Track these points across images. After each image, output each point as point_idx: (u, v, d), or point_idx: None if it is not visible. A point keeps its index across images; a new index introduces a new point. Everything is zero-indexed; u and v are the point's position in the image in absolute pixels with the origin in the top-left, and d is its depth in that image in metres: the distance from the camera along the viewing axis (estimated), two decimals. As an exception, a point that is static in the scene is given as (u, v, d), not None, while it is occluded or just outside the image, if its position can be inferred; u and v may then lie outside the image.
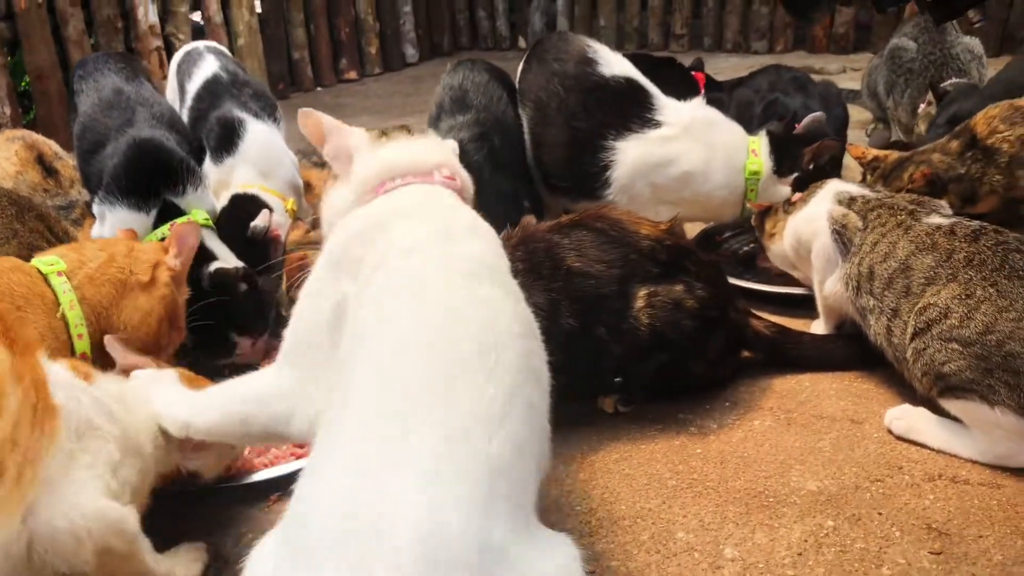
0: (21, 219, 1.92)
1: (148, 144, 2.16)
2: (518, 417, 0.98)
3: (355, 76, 5.98)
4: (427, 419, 0.93)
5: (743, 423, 1.81)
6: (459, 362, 0.99)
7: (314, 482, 0.96)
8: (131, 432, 1.35)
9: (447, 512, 0.85)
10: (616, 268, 1.78)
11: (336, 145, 1.42)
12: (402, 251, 1.18)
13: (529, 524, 0.95)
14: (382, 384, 0.99)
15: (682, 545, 1.48)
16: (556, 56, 2.54)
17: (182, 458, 1.50)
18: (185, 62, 2.76)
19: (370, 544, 0.83)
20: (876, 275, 1.77)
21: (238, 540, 1.56)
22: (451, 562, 0.83)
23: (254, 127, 2.46)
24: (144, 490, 1.40)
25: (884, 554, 1.42)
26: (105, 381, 1.39)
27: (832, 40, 5.57)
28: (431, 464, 0.89)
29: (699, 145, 2.36)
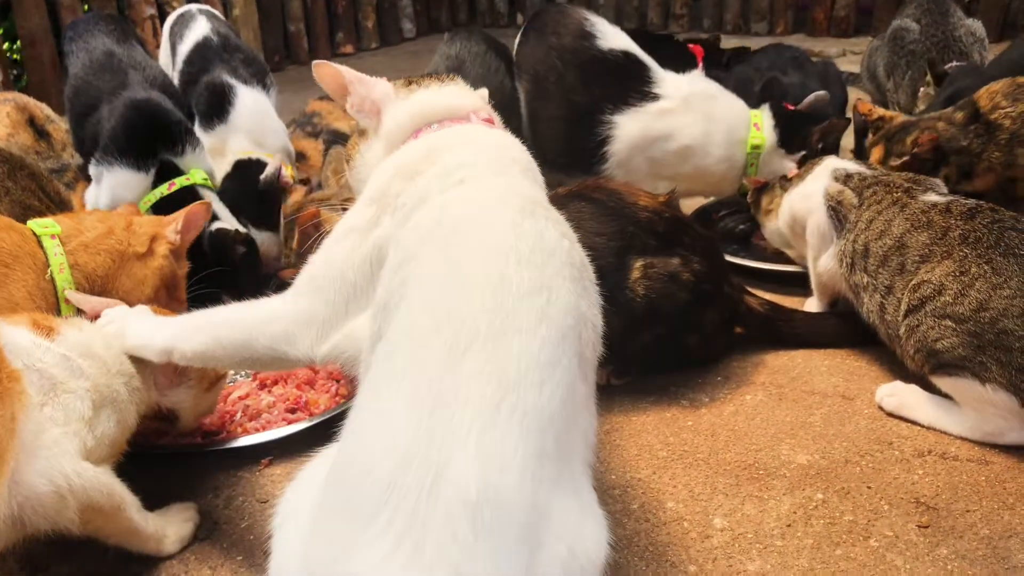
0: (13, 177, 1.90)
1: (145, 104, 2.15)
2: (568, 365, 0.95)
3: (352, 50, 5.93)
4: (479, 362, 0.89)
5: (735, 397, 1.82)
6: (511, 300, 0.95)
7: (365, 424, 0.92)
8: (103, 382, 1.34)
9: (501, 469, 0.83)
10: (614, 240, 1.78)
11: (361, 97, 1.37)
12: (451, 184, 1.15)
13: (573, 479, 0.92)
14: (433, 323, 0.94)
15: (671, 515, 1.48)
16: (554, 30, 2.52)
17: (158, 395, 1.49)
18: (177, 24, 2.74)
19: (424, 501, 0.80)
20: (871, 252, 1.77)
21: (229, 503, 1.56)
22: (503, 523, 0.81)
23: (244, 94, 2.45)
24: (124, 438, 1.39)
25: (872, 527, 1.43)
26: (70, 332, 1.36)
27: (833, 23, 5.54)
28: (485, 413, 0.85)
29: (698, 118, 2.34)
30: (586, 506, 0.93)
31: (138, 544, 1.40)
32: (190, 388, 1.53)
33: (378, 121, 1.36)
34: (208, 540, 1.48)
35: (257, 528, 1.50)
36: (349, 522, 0.83)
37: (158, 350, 1.38)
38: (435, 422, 0.85)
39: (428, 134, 1.29)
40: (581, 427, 0.98)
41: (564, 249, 1.08)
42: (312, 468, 1.03)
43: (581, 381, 1.00)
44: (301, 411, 1.76)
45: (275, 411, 1.75)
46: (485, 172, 1.19)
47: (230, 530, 1.50)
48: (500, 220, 1.08)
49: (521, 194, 1.15)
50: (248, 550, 1.45)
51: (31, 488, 1.18)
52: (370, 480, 0.83)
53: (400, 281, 1.06)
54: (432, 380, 0.88)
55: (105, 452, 1.33)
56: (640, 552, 1.40)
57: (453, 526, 0.79)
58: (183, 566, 1.42)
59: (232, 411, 1.76)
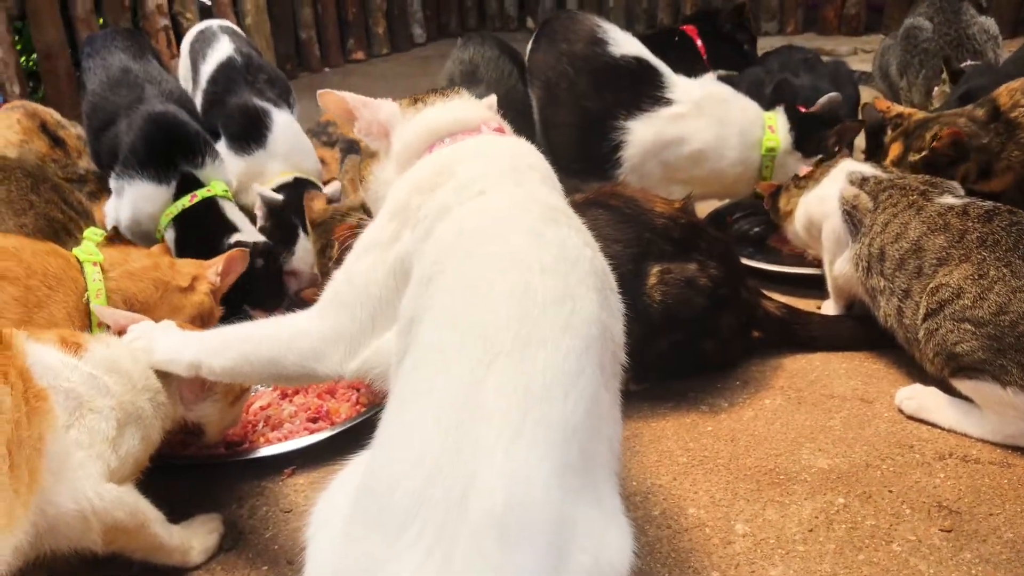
0: (36, 191, 1.94)
1: (163, 117, 2.19)
2: (592, 375, 0.96)
3: (363, 57, 5.95)
4: (505, 375, 0.90)
5: (754, 402, 1.82)
6: (535, 311, 0.96)
7: (394, 437, 0.94)
8: (128, 399, 1.35)
9: (526, 483, 0.84)
10: (631, 247, 1.78)
11: (367, 121, 1.38)
12: (471, 195, 1.15)
13: (597, 489, 0.93)
14: (458, 337, 0.95)
15: (693, 521, 1.49)
16: (565, 36, 2.53)
17: (184, 410, 1.51)
18: (198, 41, 2.72)
19: (452, 514, 0.81)
20: (887, 256, 1.77)
21: (253, 513, 1.58)
22: (529, 536, 0.82)
23: (280, 118, 2.44)
24: (148, 455, 1.41)
25: (895, 531, 1.43)
26: (96, 349, 1.38)
27: (843, 21, 5.52)
28: (510, 427, 0.86)
29: (711, 122, 2.35)
30: (609, 515, 0.93)
31: (163, 558, 1.42)
32: (216, 402, 1.55)
33: (387, 142, 1.37)
34: (234, 550, 1.50)
35: (281, 538, 1.52)
36: (380, 535, 0.84)
37: (186, 365, 1.40)
38: (462, 436, 0.86)
39: (441, 149, 1.30)
40: (605, 435, 0.99)
41: (587, 257, 1.09)
42: (342, 478, 1.04)
43: (604, 390, 1.01)
44: (323, 420, 1.77)
45: (297, 421, 1.76)
46: (504, 182, 1.19)
47: (255, 540, 1.52)
48: (522, 229, 1.08)
49: (542, 202, 1.16)
50: (273, 560, 1.47)
51: (56, 509, 1.20)
52: (399, 494, 0.84)
53: (425, 294, 1.07)
54: (458, 394, 0.90)
55: (129, 470, 1.34)
56: (663, 559, 1.40)
57: (480, 540, 0.81)
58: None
59: (254, 421, 1.78)
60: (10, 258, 1.51)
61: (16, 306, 1.46)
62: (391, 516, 0.84)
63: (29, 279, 1.51)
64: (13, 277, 1.48)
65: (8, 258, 1.50)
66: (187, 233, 2.18)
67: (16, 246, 1.56)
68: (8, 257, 1.51)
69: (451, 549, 0.81)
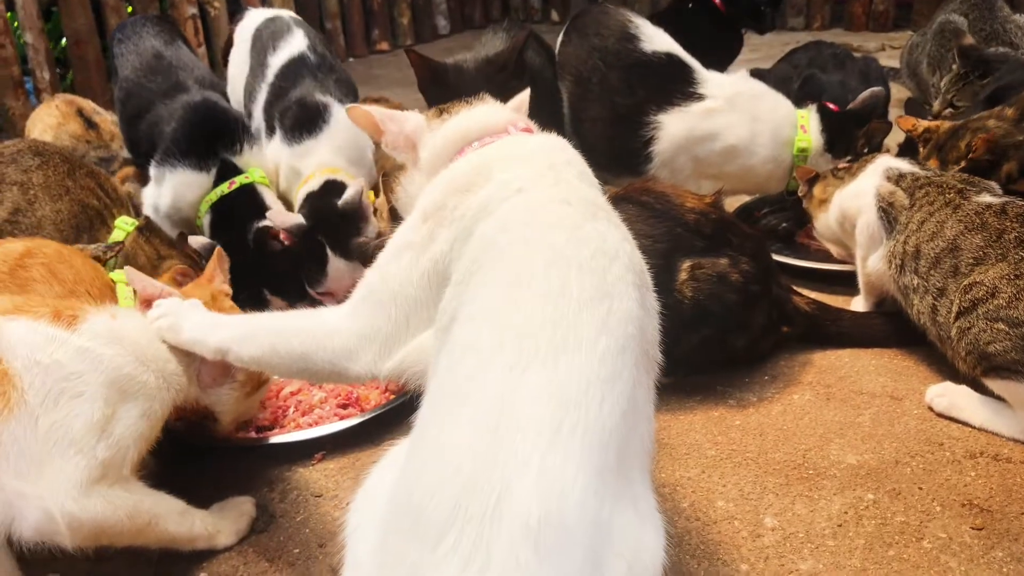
0: (73, 176, 1.97)
1: (202, 105, 2.23)
2: (628, 376, 0.96)
3: (387, 47, 5.97)
4: (540, 381, 0.90)
5: (782, 397, 1.82)
6: (572, 311, 0.96)
7: (431, 443, 0.93)
8: (127, 371, 1.29)
9: (562, 492, 0.84)
10: (662, 242, 1.78)
11: (394, 134, 1.38)
12: (509, 193, 1.14)
13: (632, 490, 0.93)
14: (495, 339, 0.95)
15: (722, 513, 1.49)
16: (596, 31, 2.52)
17: (199, 391, 1.47)
18: (267, 30, 2.58)
19: (488, 524, 0.82)
20: (922, 254, 1.76)
21: (284, 497, 1.60)
22: (565, 546, 0.82)
23: (339, 113, 2.34)
24: (154, 431, 1.35)
25: (925, 528, 1.43)
26: (97, 320, 1.32)
27: (871, 17, 5.48)
28: (546, 434, 0.86)
29: (744, 118, 2.34)
30: (645, 516, 0.94)
31: (184, 547, 1.40)
32: (233, 390, 1.52)
33: (415, 154, 1.36)
34: (265, 533, 1.51)
35: (312, 521, 1.53)
36: (418, 543, 0.85)
37: (213, 348, 1.37)
38: (497, 445, 0.86)
39: (472, 152, 1.29)
40: (639, 434, 0.99)
41: (626, 252, 1.09)
42: (378, 474, 1.05)
43: (639, 388, 1.00)
44: (352, 406, 1.79)
45: (327, 407, 1.78)
46: (542, 179, 1.18)
47: (286, 523, 1.54)
48: (560, 225, 1.08)
49: (580, 197, 1.15)
50: (304, 543, 1.49)
51: (26, 518, 1.15)
52: (436, 503, 0.85)
53: (464, 292, 1.07)
54: (494, 401, 0.90)
55: (128, 453, 1.27)
56: (692, 550, 1.41)
57: (516, 550, 0.81)
58: (242, 558, 1.46)
59: (285, 407, 1.79)
60: (64, 262, 1.55)
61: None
62: (429, 525, 0.84)
63: (77, 284, 1.54)
64: (63, 279, 1.52)
65: (63, 262, 1.54)
66: (223, 218, 2.21)
67: (70, 254, 1.60)
68: (63, 261, 1.55)
69: (488, 560, 0.81)
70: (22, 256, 1.52)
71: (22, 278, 1.48)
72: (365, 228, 2.16)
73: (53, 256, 1.56)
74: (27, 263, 1.51)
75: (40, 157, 1.96)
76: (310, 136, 2.29)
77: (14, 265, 1.50)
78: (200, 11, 4.80)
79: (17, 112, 4.00)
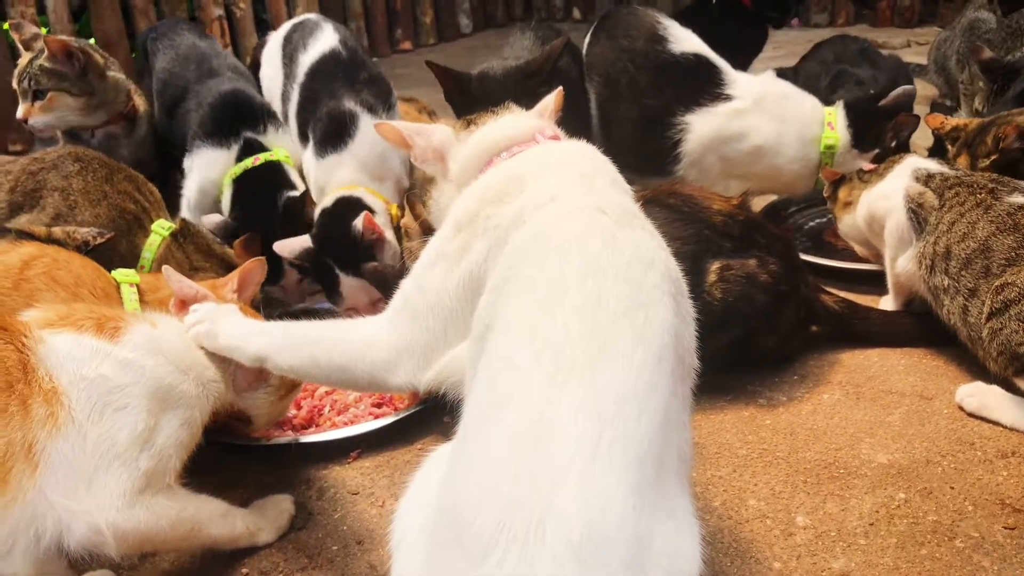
0: (111, 181, 2.01)
1: (227, 91, 2.37)
2: (664, 386, 0.97)
3: (410, 46, 6.00)
4: (578, 395, 0.91)
5: (812, 396, 1.83)
6: (608, 322, 0.97)
7: (472, 459, 0.95)
8: (168, 381, 1.31)
9: (603, 507, 0.85)
10: (690, 244, 1.80)
11: (422, 148, 1.39)
12: (543, 202, 1.16)
13: (670, 500, 0.94)
14: (532, 352, 0.96)
15: (754, 512, 1.51)
16: (625, 32, 2.54)
17: (234, 396, 1.49)
18: (297, 33, 2.58)
19: (532, 540, 0.83)
20: (953, 255, 1.76)
21: (321, 495, 1.63)
22: (607, 561, 0.84)
23: (365, 125, 2.27)
24: (195, 439, 1.37)
25: (957, 527, 1.44)
26: (138, 330, 1.34)
27: (896, 13, 5.44)
28: (585, 449, 0.88)
29: (771, 119, 2.35)
30: (682, 525, 0.95)
31: (227, 546, 1.44)
32: (268, 394, 1.54)
33: (443, 166, 1.38)
34: (304, 530, 1.55)
35: (350, 519, 1.57)
36: (464, 560, 0.87)
37: (251, 356, 1.39)
38: (538, 462, 0.88)
39: (502, 162, 1.30)
40: (675, 443, 1.00)
41: (661, 260, 1.09)
42: (419, 484, 1.07)
43: (675, 397, 1.01)
44: (386, 405, 1.82)
45: (362, 406, 1.81)
46: (575, 187, 1.19)
47: (324, 520, 1.57)
48: (595, 233, 1.08)
49: (614, 205, 1.16)
50: (343, 540, 1.52)
51: (75, 531, 1.17)
52: (480, 520, 0.86)
53: (499, 300, 1.08)
54: (533, 416, 0.91)
55: (172, 461, 1.29)
56: (724, 548, 1.43)
57: (561, 567, 0.83)
58: (282, 555, 1.49)
59: (320, 406, 1.83)
60: (62, 267, 1.56)
61: None
62: (474, 542, 0.86)
63: (79, 287, 1.55)
64: (65, 283, 1.53)
65: (61, 267, 1.56)
66: (245, 191, 2.28)
67: (67, 257, 1.61)
68: (61, 266, 1.56)
69: (532, 575, 0.83)
70: (22, 268, 1.53)
71: (27, 290, 1.50)
72: (380, 252, 2.09)
73: (50, 263, 1.57)
74: (28, 275, 1.53)
75: (80, 163, 2.00)
76: (335, 151, 2.27)
77: (17, 279, 1.51)
78: (226, 12, 4.86)
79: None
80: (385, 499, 1.61)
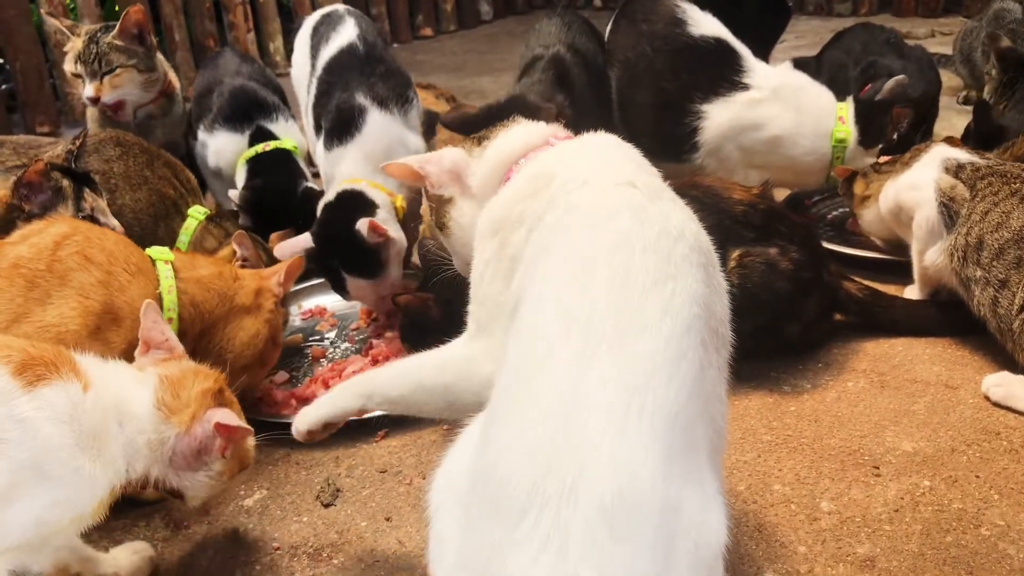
0: (151, 167, 2.04)
1: (241, 84, 2.62)
2: (693, 356, 0.98)
3: (431, 33, 6.01)
4: (607, 365, 0.93)
5: (836, 384, 1.84)
6: (636, 294, 0.99)
7: (506, 427, 0.97)
8: (57, 455, 1.15)
9: (632, 474, 0.88)
10: (712, 234, 1.79)
11: (436, 175, 1.40)
12: (576, 186, 1.17)
13: (700, 470, 0.96)
14: (562, 325, 0.98)
15: (778, 496, 1.52)
16: (645, 16, 2.54)
17: (171, 472, 1.30)
18: (323, 25, 2.59)
19: (565, 505, 0.86)
20: (985, 245, 1.75)
21: (351, 472, 1.66)
22: (637, 526, 0.86)
23: (374, 118, 2.26)
24: (77, 521, 1.19)
25: (983, 515, 1.45)
26: (58, 389, 1.18)
27: (920, 2, 5.39)
28: (615, 417, 0.90)
29: (788, 109, 2.35)
30: (710, 496, 0.96)
31: None
32: (209, 478, 1.34)
33: (461, 185, 1.39)
34: (333, 507, 1.57)
35: (378, 496, 1.59)
36: (499, 524, 0.89)
37: (353, 395, 1.39)
38: (570, 430, 0.90)
39: (522, 167, 1.31)
40: (709, 415, 1.02)
41: (692, 232, 1.11)
42: (455, 456, 1.09)
43: (708, 367, 1.03)
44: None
45: (389, 387, 1.83)
46: (604, 170, 1.21)
47: (353, 497, 1.60)
48: (625, 205, 1.10)
49: (643, 181, 1.18)
50: (372, 516, 1.54)
51: None
52: (514, 485, 0.89)
53: (531, 276, 1.10)
54: (564, 387, 0.94)
55: (24, 536, 1.14)
56: (750, 532, 1.44)
57: (592, 530, 0.85)
58: (312, 530, 1.52)
59: (348, 386, 1.85)
60: (95, 245, 1.57)
61: (100, 288, 1.50)
62: (509, 506, 0.88)
63: (112, 265, 1.55)
64: (98, 262, 1.54)
65: (93, 245, 1.56)
66: (258, 174, 2.46)
67: (100, 235, 1.62)
68: (93, 244, 1.56)
69: (566, 539, 0.85)
70: (55, 248, 1.52)
71: (59, 271, 1.49)
72: (386, 252, 2.05)
73: (83, 241, 1.56)
74: (61, 255, 1.52)
75: (121, 147, 2.03)
76: (340, 144, 2.26)
77: (50, 260, 1.50)
78: (250, -2, 4.89)
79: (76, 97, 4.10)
80: (412, 477, 1.63)
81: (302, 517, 1.55)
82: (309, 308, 2.29)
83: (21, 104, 4.08)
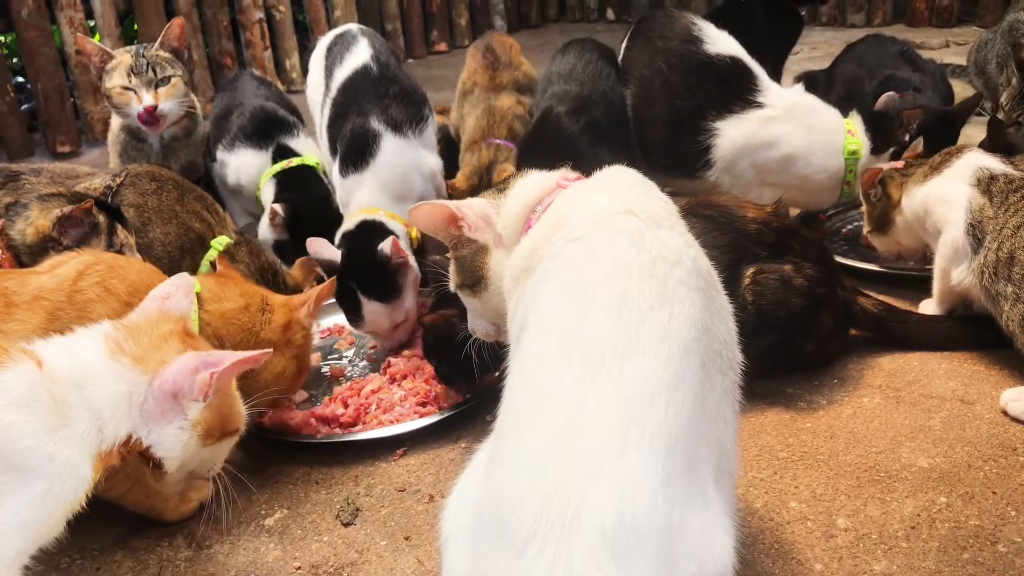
0: (182, 201, 2.08)
1: (261, 105, 2.72)
2: (693, 378, 1.01)
3: (445, 48, 6.05)
4: (607, 391, 0.96)
5: (852, 399, 1.84)
6: (635, 319, 1.01)
7: (510, 455, 1.00)
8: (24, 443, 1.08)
9: (633, 498, 0.90)
10: (727, 253, 1.82)
11: (473, 219, 1.39)
12: (579, 222, 1.19)
13: (703, 492, 0.98)
14: (563, 351, 1.01)
15: (795, 514, 1.52)
16: (661, 34, 2.56)
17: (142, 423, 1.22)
18: (337, 46, 2.61)
19: (568, 531, 0.89)
20: (1016, 260, 1.73)
21: (369, 491, 1.68)
22: (639, 549, 0.89)
23: (388, 144, 2.25)
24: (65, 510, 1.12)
25: (1000, 532, 1.45)
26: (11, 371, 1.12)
27: (934, 13, 5.38)
28: (615, 443, 0.93)
29: (800, 127, 2.37)
30: (715, 517, 0.98)
31: None
32: (183, 429, 1.23)
33: (493, 231, 1.40)
34: (353, 526, 1.59)
35: (397, 515, 1.61)
36: (505, 551, 0.92)
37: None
38: (571, 455, 0.93)
39: (539, 215, 1.33)
40: (714, 436, 1.04)
41: (690, 257, 1.12)
42: (464, 483, 1.13)
43: (712, 389, 1.05)
44: (431, 404, 1.86)
45: (407, 404, 1.85)
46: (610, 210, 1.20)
47: (372, 516, 1.61)
48: (623, 234, 1.12)
49: (644, 209, 1.19)
50: (391, 535, 1.56)
51: None
52: (519, 513, 0.92)
53: (533, 303, 1.13)
54: (565, 413, 0.96)
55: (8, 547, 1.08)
56: (766, 550, 1.45)
57: (595, 555, 0.88)
58: (332, 549, 1.54)
59: (367, 404, 1.87)
60: (116, 275, 1.57)
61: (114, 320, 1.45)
62: (514, 534, 0.91)
63: (132, 296, 1.53)
64: (117, 293, 1.55)
65: (115, 275, 1.57)
66: (287, 188, 2.53)
67: (124, 264, 1.62)
68: (115, 274, 1.57)
69: (570, 564, 0.88)
70: (76, 279, 1.52)
71: (79, 302, 1.50)
72: (404, 277, 2.08)
73: (105, 271, 1.56)
74: (81, 285, 1.52)
75: (156, 182, 2.06)
76: (356, 171, 2.26)
77: (70, 291, 1.51)
78: (267, 15, 4.94)
79: (96, 116, 4.17)
80: (431, 495, 1.65)
81: (322, 536, 1.57)
82: (327, 327, 2.31)
83: (42, 124, 4.14)
